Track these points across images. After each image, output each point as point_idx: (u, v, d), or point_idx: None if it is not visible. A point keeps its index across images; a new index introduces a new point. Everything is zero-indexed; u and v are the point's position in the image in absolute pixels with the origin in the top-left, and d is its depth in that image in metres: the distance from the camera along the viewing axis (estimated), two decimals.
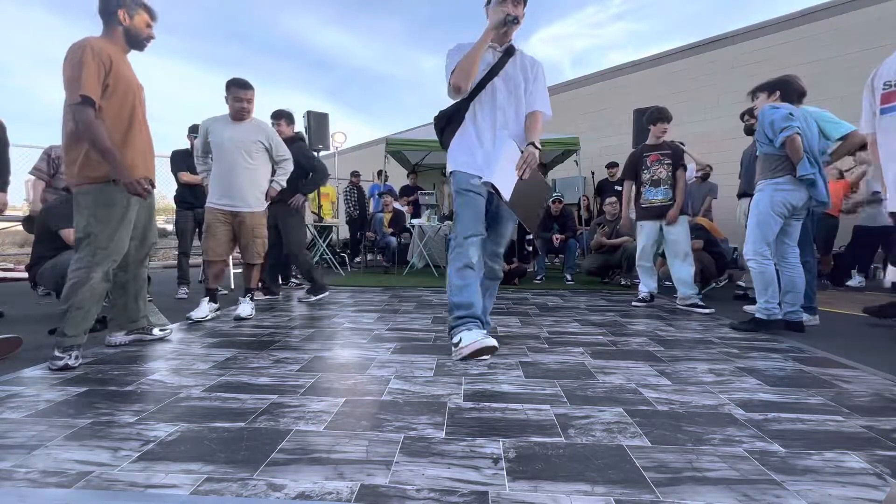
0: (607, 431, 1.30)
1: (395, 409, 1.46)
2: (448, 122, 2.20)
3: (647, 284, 3.66)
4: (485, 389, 1.64)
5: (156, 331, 2.37)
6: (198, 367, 1.90)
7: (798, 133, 2.46)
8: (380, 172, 7.92)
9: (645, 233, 3.58)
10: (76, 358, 1.89)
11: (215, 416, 1.38)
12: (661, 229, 3.49)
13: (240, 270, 3.74)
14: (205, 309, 2.92)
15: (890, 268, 4.89)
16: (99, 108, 1.92)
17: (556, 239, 5.11)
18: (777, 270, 2.71)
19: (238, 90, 2.90)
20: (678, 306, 3.43)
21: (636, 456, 1.16)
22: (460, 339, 1.97)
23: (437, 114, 2.27)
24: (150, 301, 3.62)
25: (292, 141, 3.63)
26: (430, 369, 1.87)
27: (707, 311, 3.24)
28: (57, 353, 1.86)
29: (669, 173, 3.43)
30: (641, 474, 1.07)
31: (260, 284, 3.77)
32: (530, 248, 6.00)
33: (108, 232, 1.98)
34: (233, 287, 4.55)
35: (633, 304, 3.59)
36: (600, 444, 1.22)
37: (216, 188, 2.96)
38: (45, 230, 2.72)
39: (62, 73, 1.87)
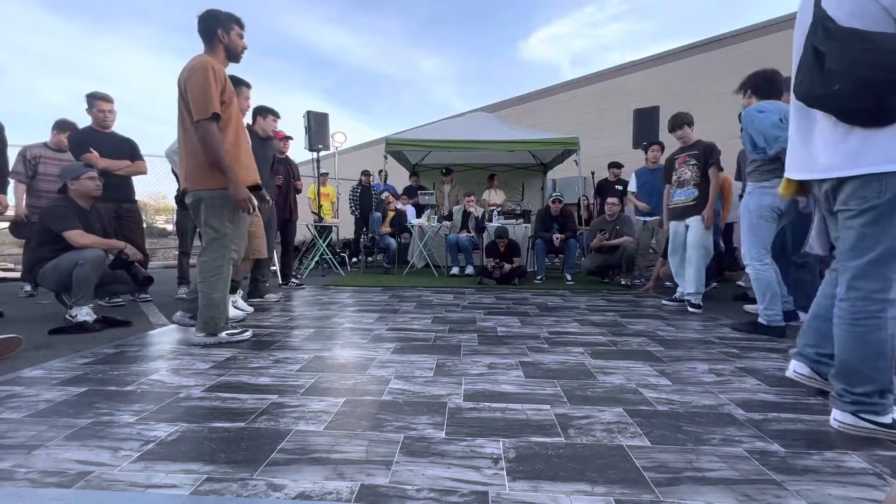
0: (607, 431, 1.30)
1: (395, 409, 1.46)
2: None
3: (681, 284, 3.62)
4: (485, 389, 1.64)
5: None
6: (198, 367, 1.90)
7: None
8: (380, 172, 7.91)
9: (670, 233, 3.61)
10: (229, 334, 2.28)
11: (215, 416, 1.38)
12: (686, 229, 3.46)
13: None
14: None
15: None
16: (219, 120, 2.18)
17: (557, 239, 5.11)
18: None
19: (249, 90, 3.14)
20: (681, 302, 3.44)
21: (636, 456, 1.16)
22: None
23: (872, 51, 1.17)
24: (149, 301, 3.64)
25: None
26: (430, 369, 1.87)
27: (694, 309, 3.30)
28: (209, 341, 2.23)
29: (695, 173, 3.38)
30: (641, 474, 1.07)
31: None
32: None
33: (237, 231, 2.31)
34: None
35: (664, 302, 3.62)
36: (600, 444, 1.22)
37: None
38: (45, 232, 2.71)
39: (186, 88, 2.10)
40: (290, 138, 4.48)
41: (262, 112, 3.58)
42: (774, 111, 2.51)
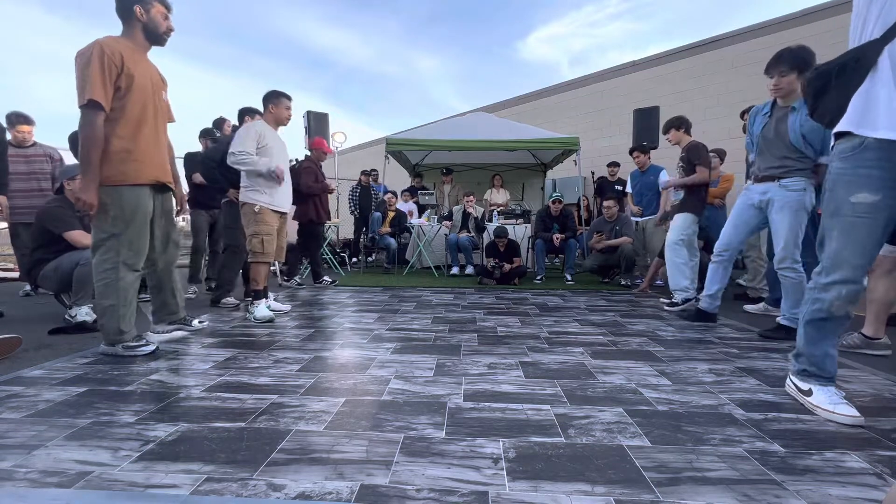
0: (607, 431, 1.30)
1: (395, 409, 1.46)
2: (837, 76, 1.43)
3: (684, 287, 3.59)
4: (485, 389, 1.64)
5: (195, 322, 2.50)
6: (198, 367, 1.90)
7: None
8: (372, 170, 7.88)
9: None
10: (125, 347, 2.02)
11: (215, 416, 1.38)
12: None
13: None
14: (266, 310, 2.93)
15: None
16: (111, 110, 1.92)
17: (557, 238, 5.11)
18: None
19: (288, 100, 3.07)
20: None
21: (636, 456, 1.16)
22: (811, 391, 1.50)
23: (812, 72, 1.49)
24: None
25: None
26: (430, 369, 1.87)
27: (671, 308, 3.30)
28: (107, 350, 2.03)
29: (681, 176, 3.41)
30: (641, 474, 1.07)
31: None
32: None
33: (130, 233, 2.02)
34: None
35: (662, 300, 3.61)
36: (600, 444, 1.22)
37: (278, 191, 2.98)
38: (44, 233, 2.71)
39: (75, 74, 1.85)
40: (329, 151, 5.02)
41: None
42: None
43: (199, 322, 2.54)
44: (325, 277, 4.90)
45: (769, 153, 2.53)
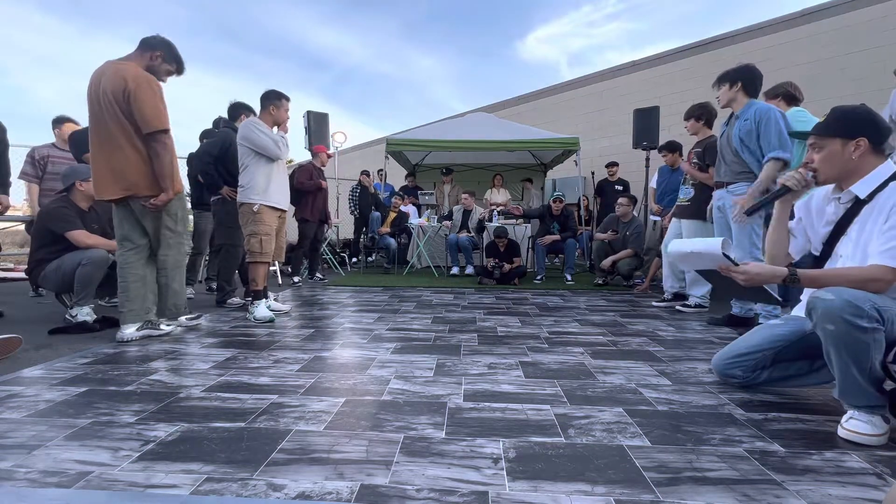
0: (607, 431, 1.30)
1: (395, 409, 1.46)
2: None
3: (673, 283, 3.62)
4: (485, 389, 1.64)
5: (163, 325, 2.47)
6: (198, 367, 1.90)
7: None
8: (379, 171, 7.88)
9: (669, 230, 3.60)
10: (188, 318, 2.65)
11: (215, 416, 1.38)
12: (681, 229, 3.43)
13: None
14: (265, 310, 2.92)
15: None
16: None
17: (545, 241, 5.12)
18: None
19: (288, 102, 3.07)
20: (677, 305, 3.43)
21: (636, 456, 1.16)
22: None
23: None
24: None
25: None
26: (430, 369, 1.87)
27: (687, 309, 3.29)
28: (171, 324, 2.51)
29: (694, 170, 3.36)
30: (641, 474, 1.07)
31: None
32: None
33: (187, 230, 2.55)
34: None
35: (653, 303, 3.63)
36: (600, 444, 1.22)
37: (275, 189, 2.97)
38: (46, 233, 2.71)
39: (134, 99, 2.19)
40: (330, 156, 5.26)
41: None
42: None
43: (167, 325, 2.51)
44: (318, 275, 5.12)
45: (722, 160, 2.75)
